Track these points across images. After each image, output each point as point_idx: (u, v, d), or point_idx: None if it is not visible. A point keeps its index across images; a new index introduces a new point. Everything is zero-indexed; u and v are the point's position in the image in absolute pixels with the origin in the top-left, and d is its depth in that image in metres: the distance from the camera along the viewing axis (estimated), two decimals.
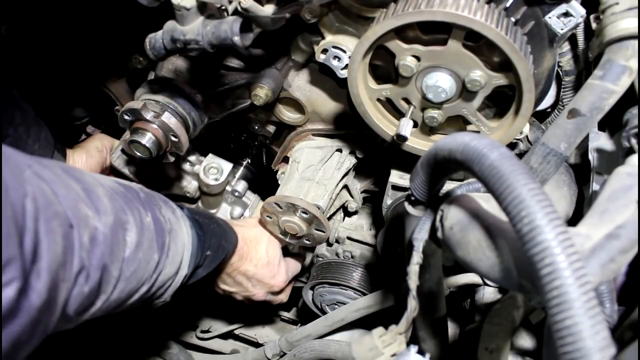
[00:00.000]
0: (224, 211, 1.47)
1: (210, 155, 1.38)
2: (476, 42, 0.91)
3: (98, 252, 0.72)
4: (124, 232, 0.79)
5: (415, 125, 1.07)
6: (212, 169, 1.35)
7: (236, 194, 1.44)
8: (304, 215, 1.20)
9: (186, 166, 1.42)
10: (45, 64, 1.50)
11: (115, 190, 0.83)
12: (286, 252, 1.37)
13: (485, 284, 1.26)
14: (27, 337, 0.61)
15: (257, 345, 1.67)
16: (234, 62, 1.27)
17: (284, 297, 1.38)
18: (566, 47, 1.04)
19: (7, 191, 0.57)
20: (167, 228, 0.89)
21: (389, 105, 1.09)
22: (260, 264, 1.23)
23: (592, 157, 1.01)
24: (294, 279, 1.40)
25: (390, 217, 1.26)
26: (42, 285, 0.60)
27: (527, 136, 1.11)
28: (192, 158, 1.41)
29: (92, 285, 0.72)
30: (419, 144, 1.09)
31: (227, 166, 1.36)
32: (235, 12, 0.88)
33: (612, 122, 1.00)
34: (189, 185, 1.44)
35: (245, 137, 1.43)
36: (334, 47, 1.06)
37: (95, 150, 1.35)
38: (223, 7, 0.86)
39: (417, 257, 0.78)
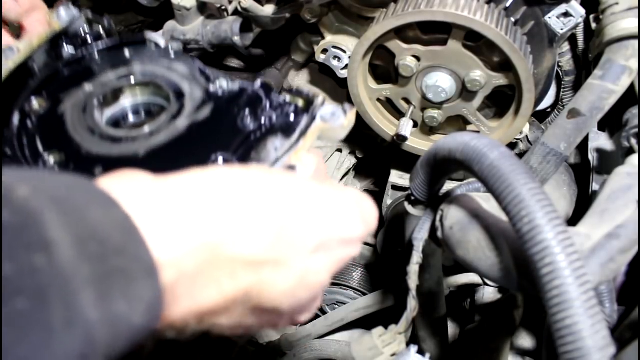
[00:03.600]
0: None
1: None
2: (476, 42, 0.91)
3: None
4: None
5: (415, 125, 1.07)
6: None
7: None
8: None
9: None
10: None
11: None
12: None
13: (485, 284, 1.26)
14: None
15: (257, 345, 1.67)
16: (234, 62, 1.27)
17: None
18: (566, 47, 1.04)
19: None
20: None
21: (389, 105, 1.09)
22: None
23: (592, 157, 1.01)
24: None
25: (390, 217, 1.26)
26: None
27: (527, 136, 1.10)
28: None
29: None
30: (419, 144, 1.09)
31: None
32: (235, 12, 0.88)
33: (612, 122, 1.00)
34: None
35: None
36: (334, 47, 1.06)
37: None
38: (223, 7, 0.87)
39: (417, 257, 0.78)
